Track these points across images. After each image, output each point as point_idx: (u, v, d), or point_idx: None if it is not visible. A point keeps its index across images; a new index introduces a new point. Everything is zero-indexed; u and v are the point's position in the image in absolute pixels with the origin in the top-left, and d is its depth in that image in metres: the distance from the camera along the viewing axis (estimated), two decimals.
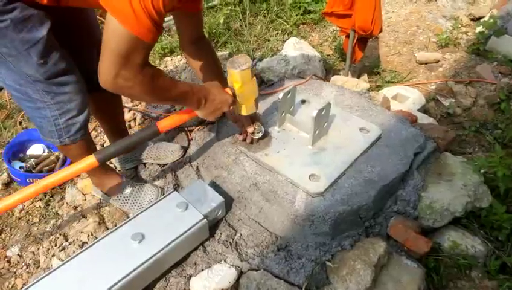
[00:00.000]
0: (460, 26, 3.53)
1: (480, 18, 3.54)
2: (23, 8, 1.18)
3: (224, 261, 1.47)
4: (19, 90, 1.34)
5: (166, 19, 3.68)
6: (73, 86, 1.39)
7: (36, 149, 2.19)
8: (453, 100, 2.64)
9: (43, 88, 1.33)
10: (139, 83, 1.20)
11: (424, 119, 2.14)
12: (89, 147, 1.61)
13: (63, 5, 1.28)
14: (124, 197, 1.75)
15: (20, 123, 2.56)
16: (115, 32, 1.08)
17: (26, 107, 1.41)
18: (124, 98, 2.07)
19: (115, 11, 1.05)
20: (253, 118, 1.72)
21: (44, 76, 1.30)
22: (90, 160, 1.43)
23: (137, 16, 1.04)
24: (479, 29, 3.28)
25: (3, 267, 1.74)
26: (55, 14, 1.27)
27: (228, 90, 1.53)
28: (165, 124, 1.51)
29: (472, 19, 3.64)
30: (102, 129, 2.39)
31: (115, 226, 1.60)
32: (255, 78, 1.56)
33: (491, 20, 3.17)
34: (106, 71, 1.15)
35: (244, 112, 1.60)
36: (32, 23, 1.21)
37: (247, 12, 3.60)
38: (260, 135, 1.73)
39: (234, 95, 1.53)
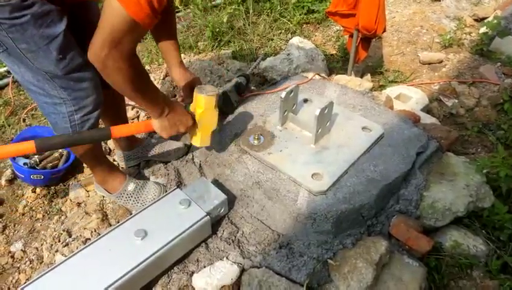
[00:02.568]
0: (464, 26, 3.53)
1: (484, 19, 3.54)
2: (42, 4, 1.20)
3: (227, 258, 1.47)
4: (36, 85, 1.36)
5: None
6: (90, 82, 1.41)
7: None
8: (456, 100, 2.64)
9: (60, 84, 1.35)
10: (126, 69, 1.22)
11: (426, 119, 2.14)
12: (96, 144, 1.63)
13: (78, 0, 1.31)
14: (127, 194, 1.76)
15: (24, 120, 2.57)
16: (114, 12, 1.10)
17: (43, 102, 1.42)
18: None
19: None
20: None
21: (63, 71, 1.32)
22: (29, 145, 1.39)
23: (140, 3, 1.08)
24: (483, 29, 3.28)
25: (7, 263, 1.76)
26: (68, 10, 1.30)
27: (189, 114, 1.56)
28: (119, 130, 1.51)
29: (476, 20, 3.64)
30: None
31: (118, 222, 1.60)
32: (217, 109, 1.60)
33: (495, 21, 3.16)
34: (98, 48, 1.16)
35: (197, 142, 1.63)
36: (52, 18, 1.24)
37: (251, 11, 3.61)
38: (256, 143, 1.74)
39: (194, 121, 1.56)
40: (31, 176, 2.00)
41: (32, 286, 1.27)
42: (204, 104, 1.54)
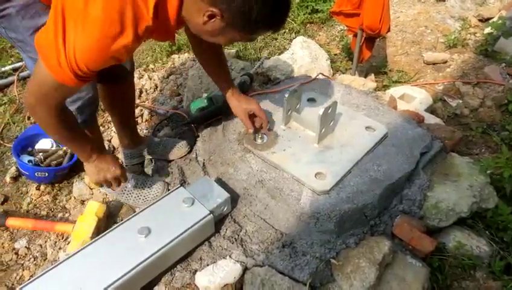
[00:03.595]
0: (468, 26, 3.51)
1: (488, 19, 3.52)
2: None
3: (230, 256, 1.48)
4: None
5: None
6: None
7: (44, 143, 2.22)
8: (461, 101, 2.63)
9: None
10: (51, 121, 1.23)
11: (431, 119, 2.14)
12: (99, 141, 1.65)
13: None
14: (128, 191, 1.77)
15: (28, 118, 2.58)
16: (42, 70, 1.11)
17: None
18: None
19: (43, 57, 1.10)
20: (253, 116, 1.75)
21: None
22: None
23: (62, 67, 1.08)
24: (488, 30, 3.26)
25: (11, 259, 1.77)
26: None
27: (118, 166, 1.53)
28: (15, 222, 1.72)
29: (481, 20, 3.62)
30: (109, 125, 2.41)
31: (122, 220, 1.61)
32: (97, 220, 1.64)
33: (500, 21, 3.14)
34: (28, 96, 1.19)
35: (70, 248, 1.61)
36: (35, 10, 1.26)
37: None
38: (260, 142, 1.76)
39: (123, 173, 1.55)
40: (36, 174, 2.01)
41: (32, 285, 1.27)
42: (87, 208, 1.64)
